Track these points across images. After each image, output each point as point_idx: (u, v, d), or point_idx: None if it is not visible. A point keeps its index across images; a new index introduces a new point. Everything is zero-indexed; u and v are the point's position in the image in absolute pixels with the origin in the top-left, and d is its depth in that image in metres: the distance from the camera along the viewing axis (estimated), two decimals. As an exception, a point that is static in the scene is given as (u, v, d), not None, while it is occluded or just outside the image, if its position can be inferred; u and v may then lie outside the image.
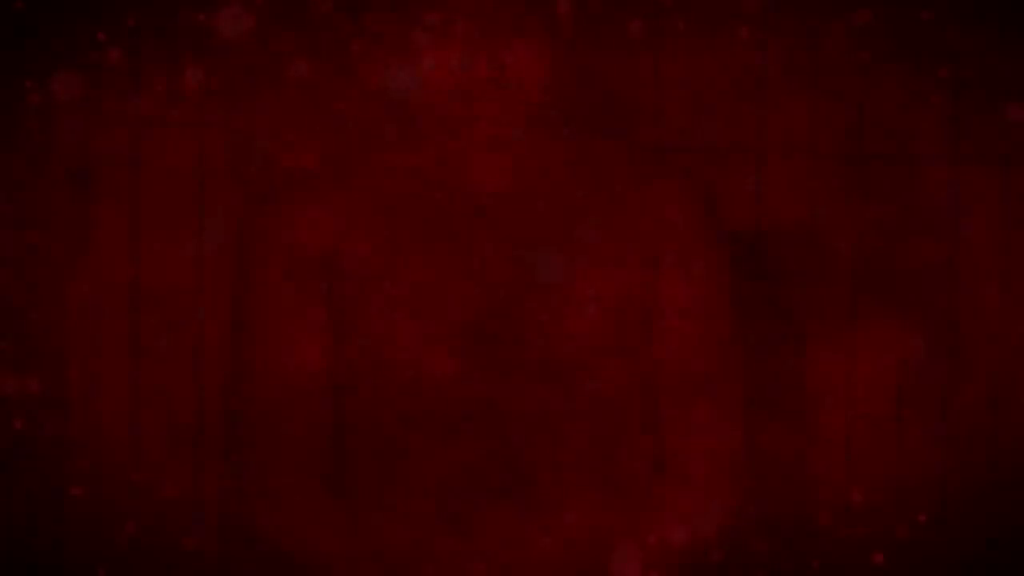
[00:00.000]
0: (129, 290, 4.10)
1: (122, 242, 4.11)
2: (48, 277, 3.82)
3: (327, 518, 2.21)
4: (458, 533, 2.11)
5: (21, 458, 3.82)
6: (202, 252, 4.15)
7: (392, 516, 2.12)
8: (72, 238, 3.79)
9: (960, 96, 4.11)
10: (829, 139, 4.29)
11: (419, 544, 2.13)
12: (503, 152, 2.08)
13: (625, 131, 4.30)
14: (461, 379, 2.08)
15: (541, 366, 2.09)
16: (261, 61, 3.95)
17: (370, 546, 2.18)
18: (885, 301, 4.24)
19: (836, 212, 4.26)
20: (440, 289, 2.07)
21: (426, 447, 2.10)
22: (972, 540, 4.26)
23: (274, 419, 2.21)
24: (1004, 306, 4.18)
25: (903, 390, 4.26)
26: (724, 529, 2.68)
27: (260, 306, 2.21)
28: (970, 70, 4.01)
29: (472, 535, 2.11)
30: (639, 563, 2.18)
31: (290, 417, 2.19)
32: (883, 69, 4.17)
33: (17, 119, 3.73)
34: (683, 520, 2.21)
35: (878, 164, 4.15)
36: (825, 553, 4.31)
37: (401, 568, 2.16)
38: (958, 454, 4.24)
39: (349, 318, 2.10)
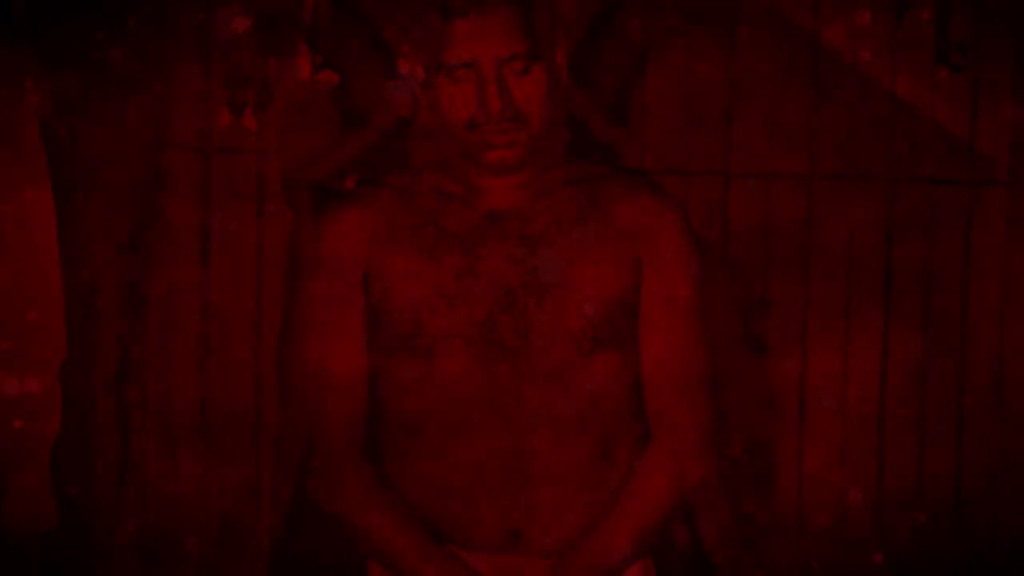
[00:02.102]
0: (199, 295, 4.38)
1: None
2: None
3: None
4: (459, 531, 2.12)
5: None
6: (262, 259, 4.38)
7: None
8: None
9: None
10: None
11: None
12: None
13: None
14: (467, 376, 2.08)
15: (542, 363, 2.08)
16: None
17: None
18: (839, 299, 4.31)
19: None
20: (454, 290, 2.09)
21: (432, 444, 2.12)
22: (972, 540, 4.26)
23: (315, 410, 2.21)
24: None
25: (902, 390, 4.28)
26: (724, 528, 2.74)
27: (307, 309, 2.23)
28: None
29: (472, 534, 2.12)
30: (640, 562, 2.16)
31: (330, 411, 2.19)
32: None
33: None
34: (682, 520, 2.27)
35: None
36: (825, 553, 4.39)
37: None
38: (958, 454, 4.23)
39: (383, 319, 2.13)
